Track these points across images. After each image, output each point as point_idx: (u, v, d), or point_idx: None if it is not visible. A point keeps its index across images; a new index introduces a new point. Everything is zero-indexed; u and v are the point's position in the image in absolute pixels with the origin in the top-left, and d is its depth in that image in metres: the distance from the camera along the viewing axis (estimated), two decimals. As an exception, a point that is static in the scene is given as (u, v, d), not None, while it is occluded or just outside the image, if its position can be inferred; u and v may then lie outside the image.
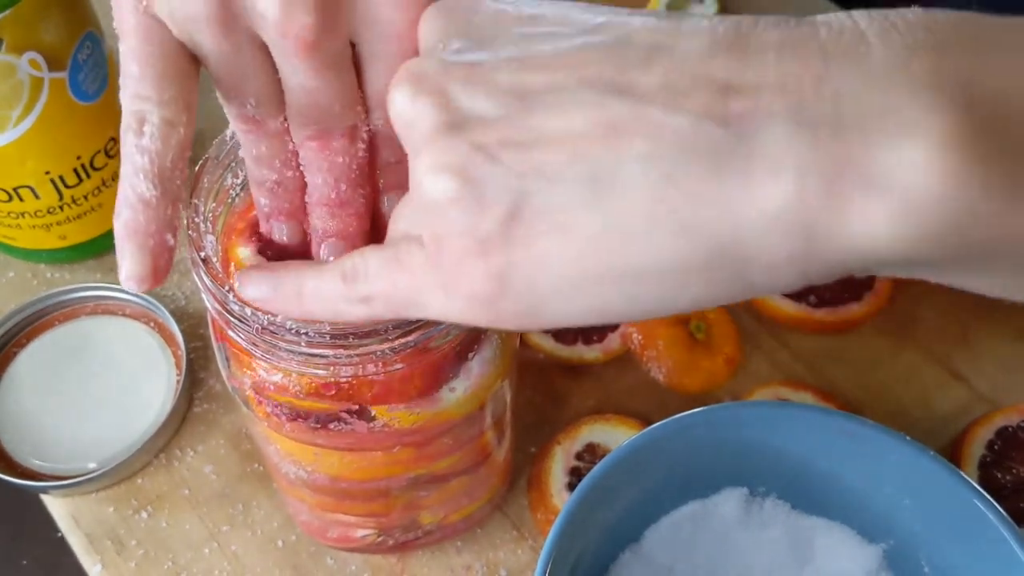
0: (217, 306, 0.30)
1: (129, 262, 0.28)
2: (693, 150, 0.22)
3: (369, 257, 0.27)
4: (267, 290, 0.29)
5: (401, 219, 0.27)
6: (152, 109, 0.27)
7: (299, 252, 0.32)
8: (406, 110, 0.25)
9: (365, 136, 0.30)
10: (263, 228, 0.32)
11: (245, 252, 0.32)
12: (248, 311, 0.29)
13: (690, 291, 0.23)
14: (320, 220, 0.31)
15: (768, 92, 0.22)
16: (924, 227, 0.21)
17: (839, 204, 0.21)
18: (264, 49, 0.27)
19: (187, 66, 0.28)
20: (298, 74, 0.28)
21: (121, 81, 0.28)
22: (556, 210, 0.23)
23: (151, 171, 0.27)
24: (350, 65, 0.28)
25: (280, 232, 0.32)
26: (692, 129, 0.22)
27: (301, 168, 0.31)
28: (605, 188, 0.23)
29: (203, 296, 0.31)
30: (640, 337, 0.51)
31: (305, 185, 0.31)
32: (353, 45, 0.28)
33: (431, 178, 0.24)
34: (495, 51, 0.25)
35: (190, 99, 0.28)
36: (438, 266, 0.25)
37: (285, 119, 0.29)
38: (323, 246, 0.32)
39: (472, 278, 0.24)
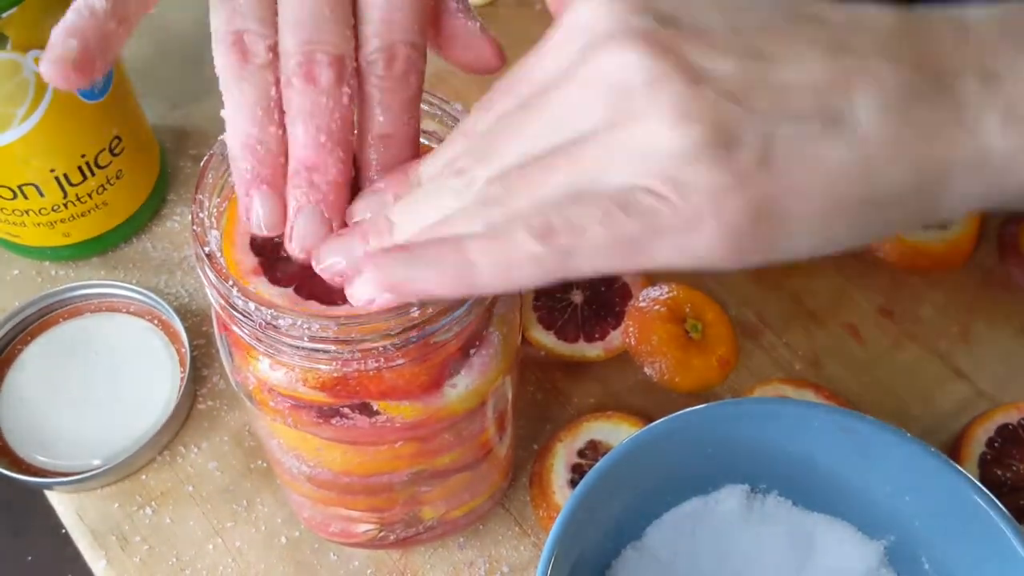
0: (221, 301, 0.30)
1: (59, 49, 0.28)
2: (915, 96, 0.26)
3: (569, 211, 0.27)
4: (408, 271, 0.28)
5: (577, 172, 0.27)
6: None
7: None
8: (636, 67, 0.26)
9: (352, 82, 0.30)
10: (242, 207, 0.31)
11: (242, 255, 0.32)
12: (252, 306, 0.29)
13: (897, 217, 0.27)
14: (297, 182, 0.31)
15: (956, 59, 0.27)
16: None
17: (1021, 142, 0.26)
18: None
19: None
20: None
21: None
22: (806, 146, 0.26)
23: None
24: None
25: (261, 207, 0.31)
26: (911, 78, 0.26)
27: (283, 125, 0.30)
28: (848, 126, 0.26)
29: (207, 292, 0.31)
30: (636, 334, 0.51)
31: (286, 150, 0.31)
32: None
33: (676, 129, 0.25)
34: (700, 19, 0.27)
35: None
36: (677, 209, 0.26)
37: (271, 49, 0.30)
38: (297, 215, 0.30)
39: (727, 212, 0.25)
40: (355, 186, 0.32)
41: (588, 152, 0.27)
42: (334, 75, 0.30)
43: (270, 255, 0.32)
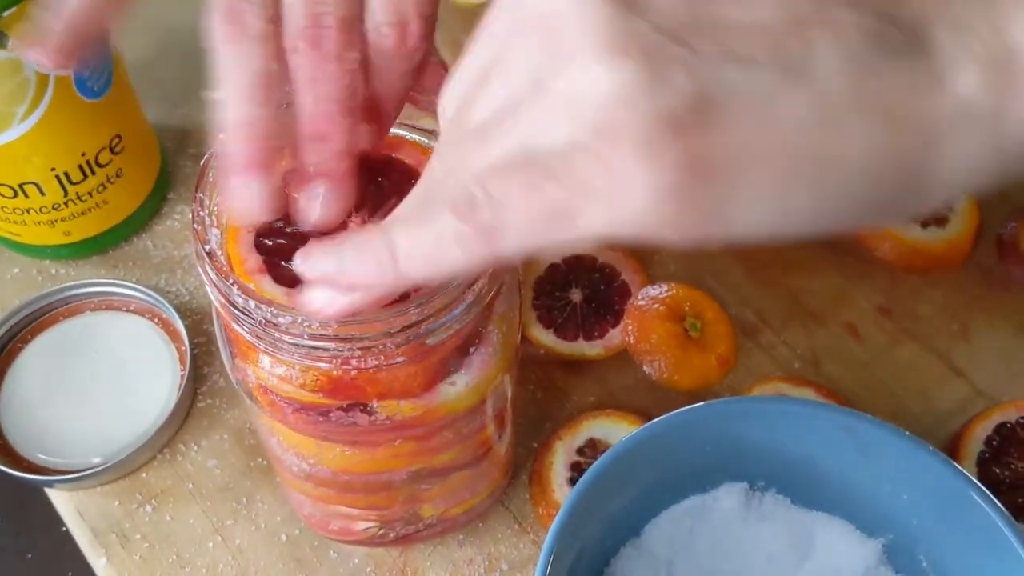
0: (221, 299, 0.30)
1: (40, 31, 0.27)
2: (882, 46, 0.23)
3: (488, 180, 0.23)
4: (338, 262, 0.26)
5: (518, 134, 0.24)
6: None
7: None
8: (567, 5, 0.23)
9: (361, 45, 0.29)
10: (228, 192, 0.30)
11: (246, 253, 0.33)
12: (252, 304, 0.29)
13: (880, 193, 0.23)
14: (306, 154, 0.29)
15: (924, 5, 0.23)
16: None
17: (1009, 88, 0.23)
18: None
19: None
20: None
21: None
22: (755, 94, 0.22)
23: None
24: None
25: (251, 189, 0.29)
26: (876, 27, 0.23)
27: (284, 102, 0.29)
28: (804, 75, 0.22)
29: (207, 289, 0.31)
30: (635, 332, 0.52)
31: (280, 133, 0.30)
32: None
33: (602, 65, 0.22)
34: None
35: None
36: (607, 165, 0.22)
37: (271, 20, 0.29)
38: (307, 194, 0.30)
39: (660, 167, 0.22)
40: None
41: (525, 109, 0.24)
42: (343, 40, 0.29)
43: (274, 254, 0.32)
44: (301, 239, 0.32)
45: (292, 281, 0.32)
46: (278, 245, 0.32)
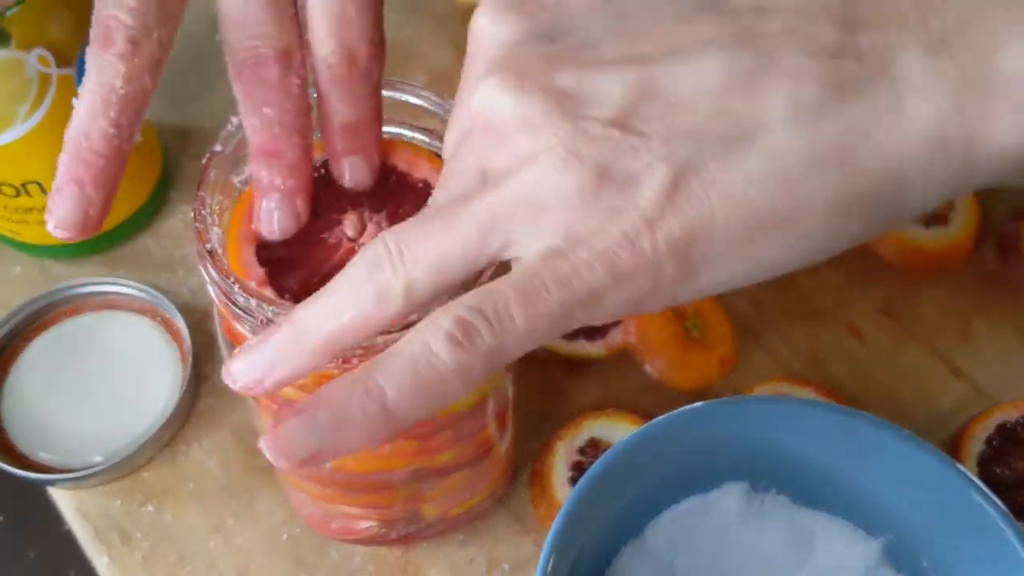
0: (222, 297, 0.30)
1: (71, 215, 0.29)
2: (836, 86, 0.22)
3: (481, 301, 0.23)
4: (318, 433, 0.26)
5: (501, 232, 0.24)
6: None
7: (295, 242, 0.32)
8: (512, 110, 0.23)
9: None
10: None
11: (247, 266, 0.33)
12: (253, 303, 0.30)
13: (849, 228, 0.23)
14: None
15: (893, 24, 0.22)
16: None
17: (984, 113, 0.22)
18: None
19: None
20: None
21: None
22: (713, 168, 0.22)
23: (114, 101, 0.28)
24: None
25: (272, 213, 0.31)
26: (831, 67, 0.22)
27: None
28: (757, 136, 0.22)
29: (209, 288, 0.31)
30: (636, 332, 0.52)
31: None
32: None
33: (563, 176, 0.22)
34: (583, 29, 0.24)
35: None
36: (589, 268, 0.23)
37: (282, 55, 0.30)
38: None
39: (638, 255, 0.23)
40: (328, 176, 0.33)
41: (484, 216, 0.24)
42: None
43: (275, 266, 0.33)
44: (301, 249, 0.32)
45: (294, 294, 0.32)
46: (278, 258, 0.32)
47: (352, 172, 0.32)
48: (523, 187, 0.23)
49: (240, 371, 0.27)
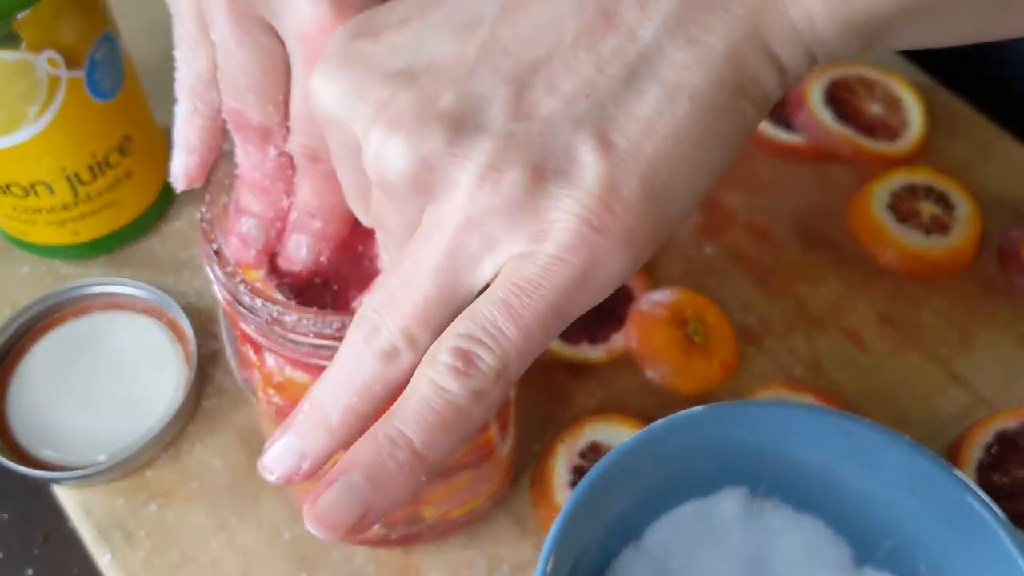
0: (228, 297, 0.31)
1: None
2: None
3: (468, 327, 0.23)
4: (362, 501, 0.24)
5: (466, 258, 0.24)
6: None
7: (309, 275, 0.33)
8: (410, 160, 0.23)
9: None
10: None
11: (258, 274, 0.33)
12: (258, 302, 0.30)
13: (744, 113, 0.24)
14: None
15: None
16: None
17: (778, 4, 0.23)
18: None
19: None
20: (224, 39, 0.29)
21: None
22: (621, 117, 0.23)
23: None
24: (270, 55, 0.29)
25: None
26: None
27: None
28: (647, 67, 0.23)
29: (214, 288, 0.31)
30: (638, 336, 0.52)
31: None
32: None
33: (493, 187, 0.23)
34: (431, 55, 0.24)
35: None
36: (569, 264, 0.23)
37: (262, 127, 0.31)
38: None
39: (604, 231, 0.23)
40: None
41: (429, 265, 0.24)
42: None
43: (278, 278, 0.33)
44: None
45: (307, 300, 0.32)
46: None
47: (296, 250, 0.33)
48: (464, 213, 0.23)
49: (273, 462, 0.26)
